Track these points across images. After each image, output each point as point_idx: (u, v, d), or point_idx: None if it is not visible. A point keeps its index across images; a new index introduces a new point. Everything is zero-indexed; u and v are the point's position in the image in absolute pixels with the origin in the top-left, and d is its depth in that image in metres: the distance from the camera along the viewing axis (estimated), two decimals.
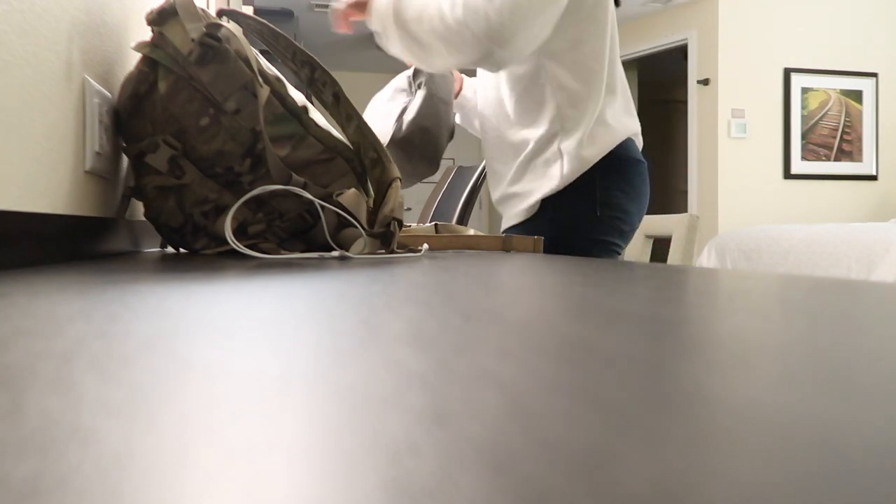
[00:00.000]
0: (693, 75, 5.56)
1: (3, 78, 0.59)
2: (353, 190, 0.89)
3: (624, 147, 1.41)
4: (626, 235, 1.45)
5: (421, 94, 1.57)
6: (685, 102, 7.63)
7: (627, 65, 6.55)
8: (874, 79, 5.71)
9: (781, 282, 0.48)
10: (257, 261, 0.74)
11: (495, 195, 1.56)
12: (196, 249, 0.91)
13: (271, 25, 1.00)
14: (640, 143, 1.50)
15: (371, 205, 0.95)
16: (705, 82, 5.46)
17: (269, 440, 0.12)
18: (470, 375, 0.17)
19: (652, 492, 0.09)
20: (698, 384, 0.16)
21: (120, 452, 0.11)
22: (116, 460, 0.11)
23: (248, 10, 2.51)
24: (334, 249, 0.90)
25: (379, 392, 0.15)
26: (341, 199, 0.86)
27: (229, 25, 0.89)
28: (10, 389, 0.16)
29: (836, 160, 5.63)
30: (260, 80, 0.87)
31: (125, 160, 1.01)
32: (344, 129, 0.98)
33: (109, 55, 0.94)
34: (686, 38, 5.62)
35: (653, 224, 1.74)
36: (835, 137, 5.64)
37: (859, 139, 5.69)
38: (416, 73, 1.57)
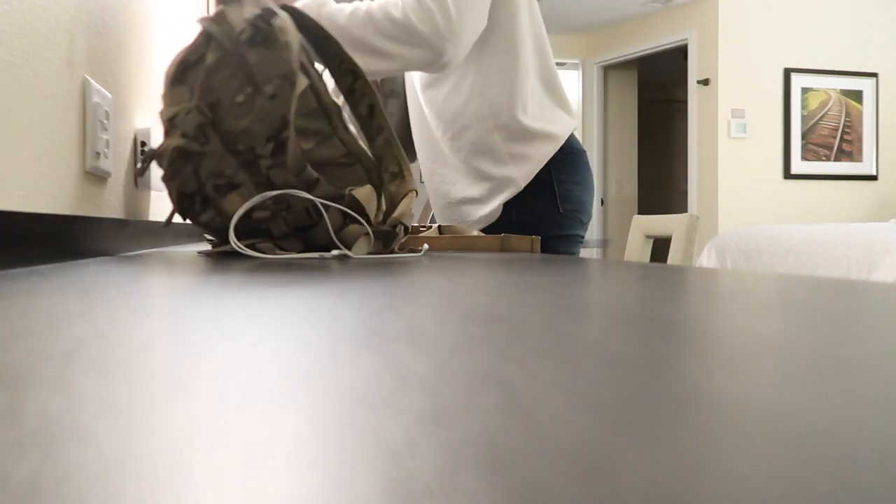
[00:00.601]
0: (693, 75, 5.56)
1: (3, 78, 0.59)
2: (368, 186, 0.89)
3: (569, 141, 1.41)
4: (585, 226, 1.47)
5: (395, 103, 1.55)
6: (685, 102, 7.62)
7: (627, 65, 6.55)
8: (874, 79, 5.71)
9: (781, 282, 0.48)
10: (257, 261, 0.74)
11: (440, 200, 1.48)
12: (201, 222, 0.91)
13: (326, 30, 1.01)
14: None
15: (382, 217, 0.96)
16: (705, 82, 5.45)
17: (269, 440, 0.12)
18: (470, 375, 0.17)
19: (651, 492, 0.09)
20: (698, 384, 0.16)
21: (120, 452, 0.11)
22: (116, 460, 0.11)
23: None
24: (336, 248, 0.90)
25: (379, 392, 0.15)
26: (355, 194, 0.87)
27: (285, 18, 0.91)
28: (10, 389, 0.16)
29: (836, 160, 5.63)
30: (300, 74, 0.88)
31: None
32: (371, 141, 0.98)
33: (109, 55, 0.94)
34: (686, 38, 5.62)
35: (653, 224, 1.74)
36: (835, 137, 5.63)
37: (859, 139, 5.69)
38: (383, 80, 1.53)
